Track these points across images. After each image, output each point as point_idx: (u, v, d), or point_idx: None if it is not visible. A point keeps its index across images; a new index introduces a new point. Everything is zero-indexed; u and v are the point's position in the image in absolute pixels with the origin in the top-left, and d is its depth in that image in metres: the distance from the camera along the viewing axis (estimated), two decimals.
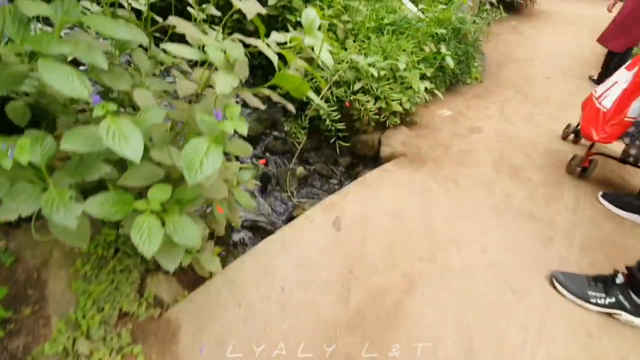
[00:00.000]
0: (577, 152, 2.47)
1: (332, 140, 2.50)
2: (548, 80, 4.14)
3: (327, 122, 2.28)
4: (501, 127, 2.96)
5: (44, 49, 0.74)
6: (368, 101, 2.28)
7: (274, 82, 1.08)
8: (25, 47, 0.79)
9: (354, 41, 2.67)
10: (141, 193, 1.02)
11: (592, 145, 2.30)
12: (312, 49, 1.05)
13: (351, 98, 2.24)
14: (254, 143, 2.74)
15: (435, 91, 2.65)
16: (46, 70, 0.73)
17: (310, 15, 1.00)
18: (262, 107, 1.29)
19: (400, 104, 2.39)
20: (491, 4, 4.83)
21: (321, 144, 2.78)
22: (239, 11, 1.06)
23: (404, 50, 2.50)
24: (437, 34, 2.78)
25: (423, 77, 2.82)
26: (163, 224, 0.92)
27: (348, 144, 2.64)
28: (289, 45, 1.20)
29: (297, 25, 2.87)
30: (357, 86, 2.27)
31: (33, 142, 0.82)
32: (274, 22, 2.88)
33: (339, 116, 2.32)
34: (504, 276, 1.61)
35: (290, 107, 1.38)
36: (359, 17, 2.64)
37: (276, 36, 1.16)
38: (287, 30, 2.74)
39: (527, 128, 2.98)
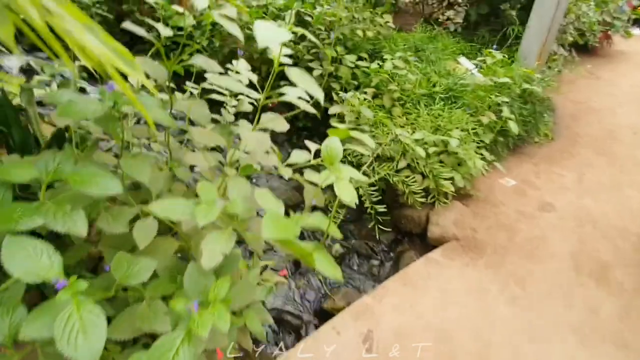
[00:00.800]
0: None
1: (372, 225, 2.25)
2: (636, 136, 3.51)
3: (367, 203, 2.06)
4: (580, 202, 2.48)
5: (12, 226, 0.64)
6: (414, 181, 2.02)
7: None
8: None
9: (402, 107, 2.46)
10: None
11: None
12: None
13: (394, 179, 2.00)
14: (295, 210, 2.60)
15: (496, 164, 2.30)
16: (8, 253, 0.63)
17: (332, 144, 0.83)
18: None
19: (453, 183, 2.09)
20: (562, 46, 4.35)
21: (361, 216, 2.54)
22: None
23: (458, 123, 2.23)
24: (497, 99, 2.46)
25: (481, 142, 2.50)
26: None
27: (389, 217, 2.37)
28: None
29: (342, 90, 2.76)
30: (402, 163, 2.03)
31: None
32: None
33: (379, 197, 2.09)
34: None
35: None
36: (407, 85, 2.44)
37: (297, 156, 1.00)
38: (331, 98, 2.64)
39: (614, 205, 2.46)
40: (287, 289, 2.10)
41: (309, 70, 2.74)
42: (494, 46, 2.86)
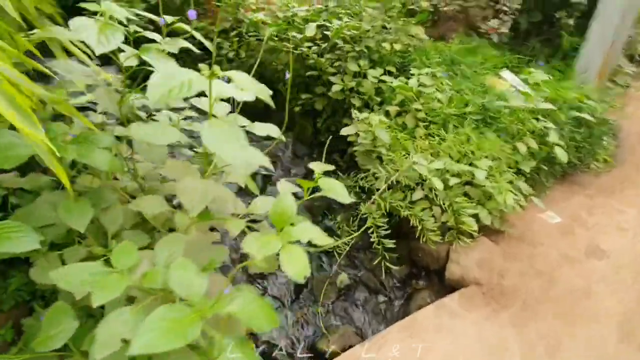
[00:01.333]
0: None
1: (378, 260, 2.03)
2: None
3: (374, 235, 1.86)
4: None
5: None
6: (430, 215, 1.79)
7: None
8: None
9: (427, 129, 2.23)
10: None
11: None
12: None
13: (406, 212, 1.79)
14: None
15: (535, 200, 1.98)
16: None
17: (283, 203, 0.68)
18: None
19: (478, 220, 1.83)
20: (631, 59, 3.76)
21: (373, 243, 2.34)
22: None
23: (489, 150, 1.95)
24: (541, 123, 2.13)
25: (519, 171, 2.18)
26: None
27: (404, 249, 2.15)
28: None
29: (365, 106, 2.58)
30: (418, 194, 1.81)
31: None
32: (339, 105, 2.65)
33: (391, 228, 1.88)
34: None
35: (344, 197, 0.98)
36: (435, 104, 2.20)
37: (261, 204, 0.86)
38: (350, 116, 2.47)
39: None
40: (284, 318, 1.97)
41: (329, 84, 2.60)
42: (539, 62, 2.50)
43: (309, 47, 2.67)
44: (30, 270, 0.81)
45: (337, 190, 0.78)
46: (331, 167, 0.97)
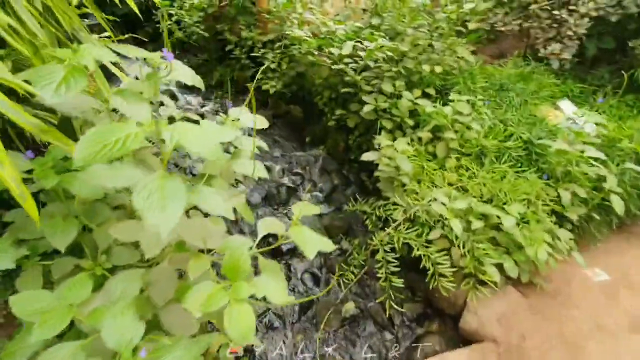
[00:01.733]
0: None
1: (384, 297, 1.91)
2: None
3: (381, 271, 1.76)
4: None
5: None
6: (448, 256, 1.64)
7: None
8: None
9: (459, 160, 2.07)
10: None
11: None
12: None
13: (419, 252, 1.66)
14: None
15: (576, 255, 1.74)
16: None
17: (235, 254, 0.64)
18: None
19: (502, 269, 1.65)
20: None
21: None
22: None
23: (526, 193, 1.75)
24: (595, 169, 1.87)
25: (562, 217, 1.94)
26: None
27: (421, 286, 2.00)
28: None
29: (398, 128, 2.47)
30: (436, 233, 1.68)
31: None
32: (372, 124, 2.57)
33: (401, 265, 1.76)
34: None
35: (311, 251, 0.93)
36: (471, 134, 2.04)
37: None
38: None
39: None
40: (284, 338, 1.94)
41: (361, 103, 2.53)
42: (600, 99, 2.21)
43: (347, 64, 2.62)
44: (17, 280, 0.86)
45: (307, 242, 0.73)
46: (317, 210, 0.91)
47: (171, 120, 1.67)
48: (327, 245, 0.83)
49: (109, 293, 0.69)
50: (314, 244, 0.73)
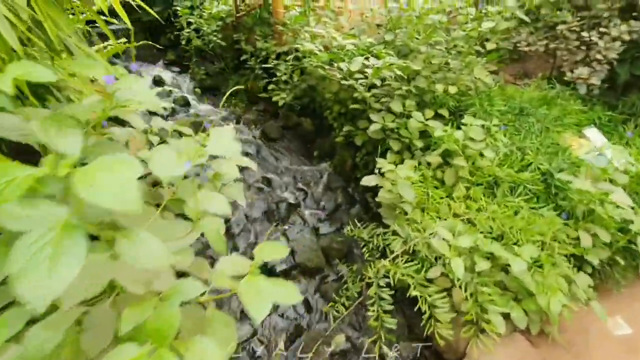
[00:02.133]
0: None
1: (374, 338, 1.75)
2: None
3: (373, 309, 1.61)
4: None
5: None
6: (447, 298, 1.49)
7: None
8: None
9: (468, 190, 1.91)
10: None
11: None
12: None
13: (414, 291, 1.51)
14: (311, 275, 2.30)
15: (595, 306, 1.55)
16: None
17: (165, 314, 0.54)
18: None
19: (508, 318, 1.48)
20: None
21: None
22: None
23: (541, 234, 1.58)
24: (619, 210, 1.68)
25: (581, 259, 1.75)
26: None
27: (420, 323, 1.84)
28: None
29: (406, 149, 2.34)
30: (436, 272, 1.52)
31: None
32: (380, 143, 2.45)
33: (391, 306, 1.61)
34: None
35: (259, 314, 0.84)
36: (483, 162, 1.88)
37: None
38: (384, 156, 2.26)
39: None
40: None
41: (370, 120, 2.41)
42: (629, 132, 2.01)
43: (356, 79, 2.52)
44: None
45: (255, 301, 0.60)
46: (284, 255, 0.80)
47: (162, 132, 1.61)
48: (290, 297, 0.71)
49: (25, 344, 0.60)
50: (264, 304, 0.61)
